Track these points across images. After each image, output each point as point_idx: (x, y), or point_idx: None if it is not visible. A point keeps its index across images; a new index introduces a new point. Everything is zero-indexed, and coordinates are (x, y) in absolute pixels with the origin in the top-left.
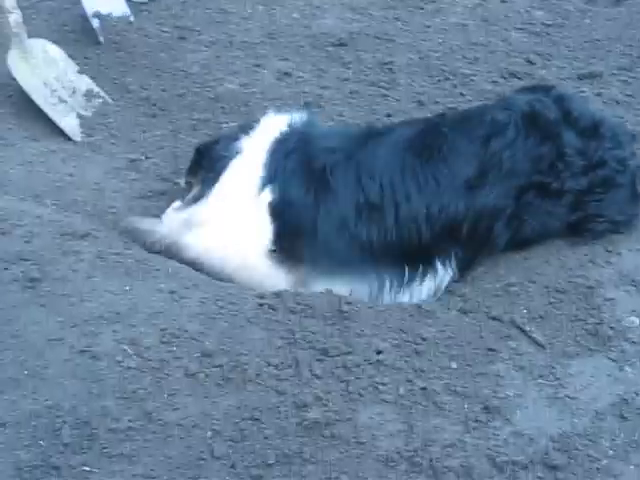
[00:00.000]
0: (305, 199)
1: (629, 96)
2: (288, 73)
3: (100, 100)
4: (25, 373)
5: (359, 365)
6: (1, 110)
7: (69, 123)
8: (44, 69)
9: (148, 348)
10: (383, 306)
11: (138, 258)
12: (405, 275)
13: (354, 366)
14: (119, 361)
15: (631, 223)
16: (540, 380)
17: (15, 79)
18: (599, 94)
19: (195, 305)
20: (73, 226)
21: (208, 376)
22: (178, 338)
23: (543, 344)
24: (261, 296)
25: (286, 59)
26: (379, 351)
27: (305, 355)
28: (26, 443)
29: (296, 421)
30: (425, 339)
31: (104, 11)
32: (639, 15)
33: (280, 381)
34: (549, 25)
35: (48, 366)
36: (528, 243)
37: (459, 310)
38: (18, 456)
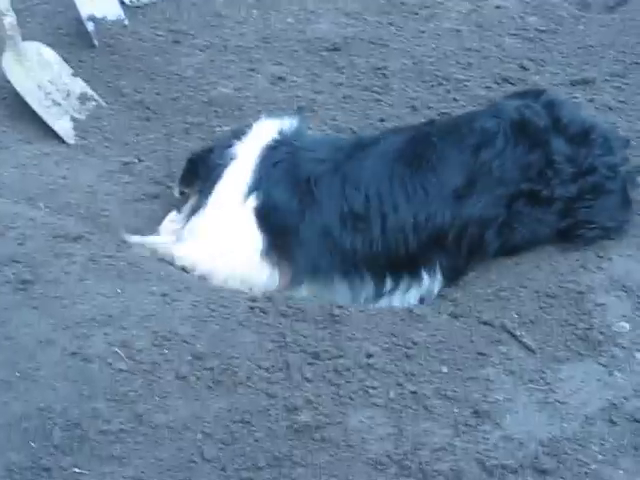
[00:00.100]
0: (290, 205)
1: (622, 102)
2: (282, 77)
3: (94, 103)
4: (17, 375)
5: (350, 369)
6: None
7: (63, 126)
8: (38, 72)
9: (139, 351)
10: (374, 310)
11: (130, 261)
12: (390, 284)
13: (345, 370)
14: (110, 363)
15: (622, 229)
16: (530, 385)
17: (9, 82)
18: (592, 100)
19: (187, 308)
20: (66, 229)
21: (199, 379)
22: (169, 341)
23: (533, 349)
24: (253, 299)
25: (280, 63)
26: (370, 355)
27: (296, 358)
28: (17, 444)
29: (286, 424)
30: (416, 343)
31: (99, 14)
32: (632, 22)
33: (271, 384)
34: (543, 31)
35: (40, 368)
36: (518, 250)
37: (450, 314)
38: (9, 457)
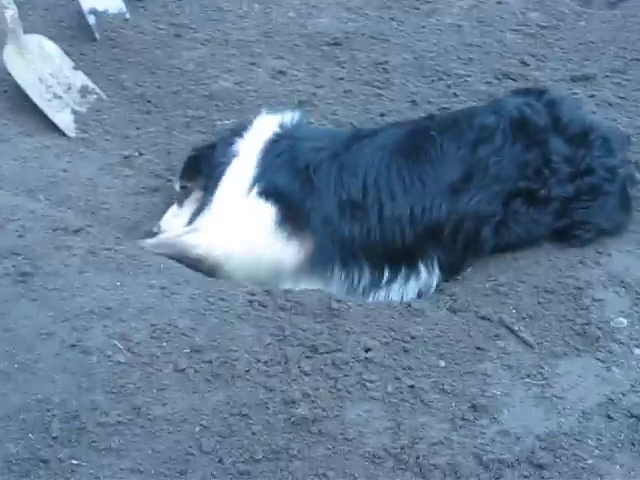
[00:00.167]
0: (292, 188)
1: (622, 98)
2: (283, 72)
3: (95, 96)
4: (15, 367)
5: (348, 362)
6: None
7: (63, 119)
8: (40, 65)
9: (138, 343)
10: (373, 304)
11: (130, 254)
12: (387, 276)
13: (343, 363)
14: (109, 356)
15: (619, 231)
16: (528, 379)
17: (10, 74)
18: (592, 96)
19: (186, 301)
20: (66, 221)
21: (197, 372)
22: (168, 334)
23: (531, 344)
24: (251, 293)
25: (281, 58)
26: (368, 349)
27: (294, 352)
28: (15, 436)
29: (284, 417)
30: (414, 337)
31: (100, 8)
32: (634, 18)
33: (269, 377)
34: (544, 27)
35: (38, 360)
36: (513, 248)
37: (448, 309)
38: (7, 449)
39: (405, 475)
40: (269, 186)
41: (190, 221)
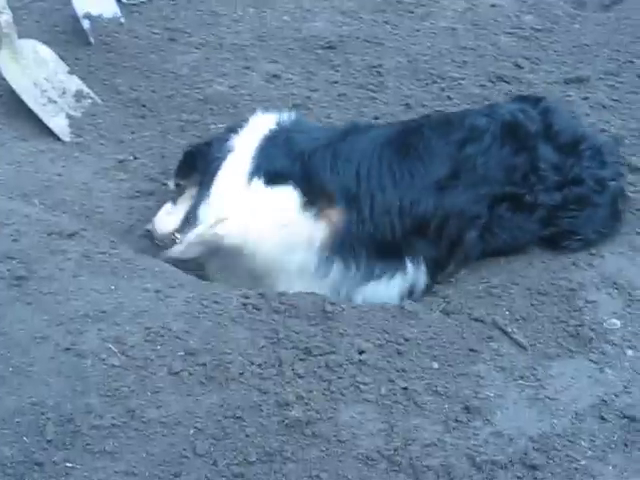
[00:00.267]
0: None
1: (615, 101)
2: (277, 75)
3: (90, 101)
4: (10, 370)
5: (341, 365)
6: None
7: (58, 123)
8: (34, 69)
9: (132, 346)
10: (366, 306)
11: (124, 257)
12: (378, 269)
13: (336, 366)
14: (103, 359)
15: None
16: (521, 381)
17: (5, 79)
18: (586, 98)
19: (180, 304)
20: (60, 225)
21: (191, 374)
22: (162, 337)
23: (524, 345)
24: (245, 296)
25: (275, 61)
26: (361, 351)
27: (288, 354)
28: (10, 439)
29: (278, 420)
30: (407, 339)
31: (95, 12)
32: (627, 20)
33: (263, 380)
34: (538, 30)
35: (33, 363)
36: (501, 254)
37: (442, 311)
38: (2, 452)
39: (398, 477)
40: (269, 172)
41: (187, 217)
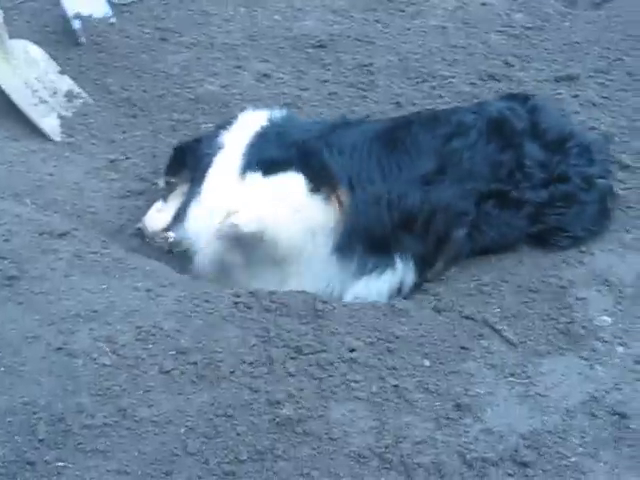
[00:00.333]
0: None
1: (605, 98)
2: (268, 74)
3: (81, 100)
4: (2, 370)
5: (332, 363)
6: None
7: (49, 123)
8: (25, 70)
9: (124, 346)
10: (357, 305)
11: (115, 257)
12: (370, 264)
13: (327, 364)
14: (95, 358)
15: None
16: (511, 378)
17: None
18: (576, 96)
19: (171, 303)
20: (52, 225)
21: (183, 373)
22: (154, 336)
23: (515, 343)
24: (236, 294)
25: (266, 60)
26: (352, 349)
27: (279, 353)
28: (2, 439)
29: (269, 418)
30: (398, 337)
31: (85, 12)
32: (617, 18)
33: (254, 378)
34: (529, 28)
35: (25, 363)
36: (490, 252)
37: (433, 309)
38: None
39: (390, 474)
40: (264, 162)
41: (178, 214)
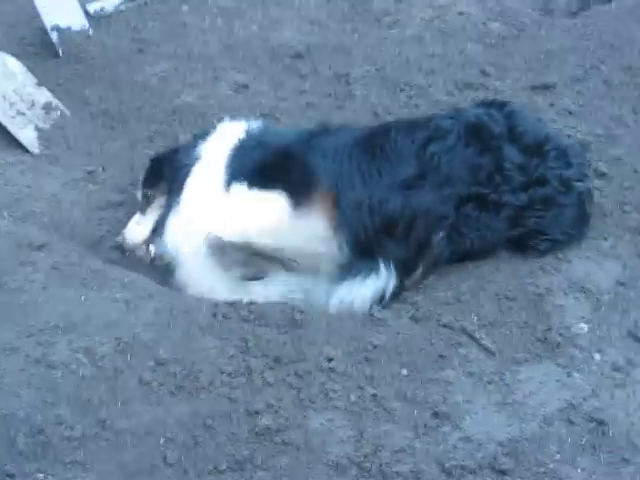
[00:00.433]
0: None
1: (581, 106)
2: (245, 85)
3: (58, 112)
4: None
5: (310, 373)
6: None
7: (27, 135)
8: (3, 82)
9: (103, 357)
10: (335, 314)
11: (94, 269)
12: (354, 268)
13: (306, 374)
14: (74, 370)
15: (576, 243)
16: (489, 386)
17: None
18: (552, 105)
19: (149, 314)
20: (30, 237)
21: (162, 384)
22: (132, 347)
23: (493, 351)
24: (215, 305)
25: (244, 71)
26: (330, 359)
27: (258, 363)
28: None
29: (248, 428)
30: (376, 347)
31: (63, 24)
32: (593, 26)
33: (232, 389)
34: (505, 37)
35: (4, 375)
36: (470, 257)
37: (410, 318)
38: None
39: None
40: (247, 177)
41: (157, 226)
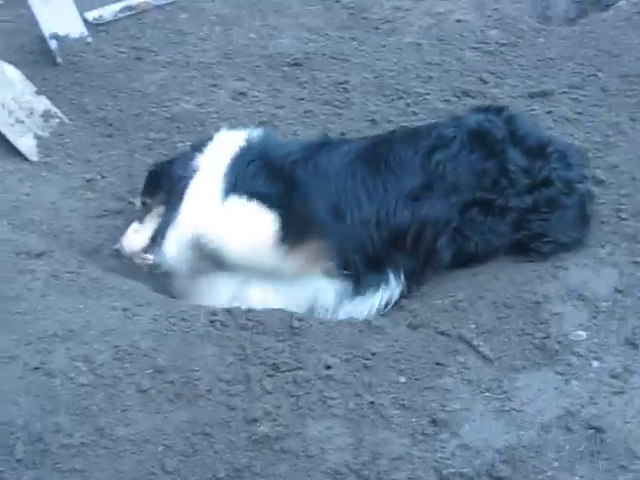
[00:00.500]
0: (272, 191)
1: (579, 114)
2: (244, 93)
3: (57, 120)
4: None
5: (309, 380)
6: None
7: (26, 143)
8: (1, 90)
9: (101, 365)
10: (333, 322)
11: (92, 277)
12: (365, 282)
13: (304, 381)
14: (72, 378)
15: (578, 245)
16: (487, 393)
17: None
18: (550, 112)
19: (148, 322)
20: (28, 245)
21: (160, 392)
22: (131, 355)
23: (491, 358)
24: (213, 312)
25: (242, 79)
26: (329, 366)
27: (256, 371)
28: None
29: (246, 436)
30: (374, 354)
31: (62, 32)
32: (591, 34)
33: (231, 396)
34: (503, 44)
35: (2, 383)
36: (473, 261)
37: (408, 325)
38: None
39: None
40: (249, 194)
41: (155, 236)
